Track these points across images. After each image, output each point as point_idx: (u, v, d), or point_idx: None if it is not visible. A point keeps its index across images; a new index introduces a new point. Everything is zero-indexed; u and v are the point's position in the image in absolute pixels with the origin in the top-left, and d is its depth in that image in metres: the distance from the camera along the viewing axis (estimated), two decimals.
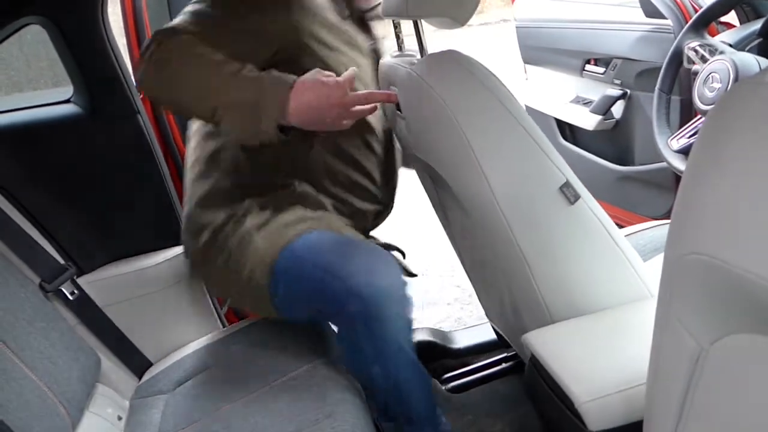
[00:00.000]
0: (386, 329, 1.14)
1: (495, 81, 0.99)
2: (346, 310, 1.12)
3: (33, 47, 2.11)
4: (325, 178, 1.29)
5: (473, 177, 0.97)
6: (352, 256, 1.16)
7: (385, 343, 1.15)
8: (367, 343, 1.14)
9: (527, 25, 2.67)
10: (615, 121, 2.27)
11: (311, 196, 1.28)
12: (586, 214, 0.98)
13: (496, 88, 0.98)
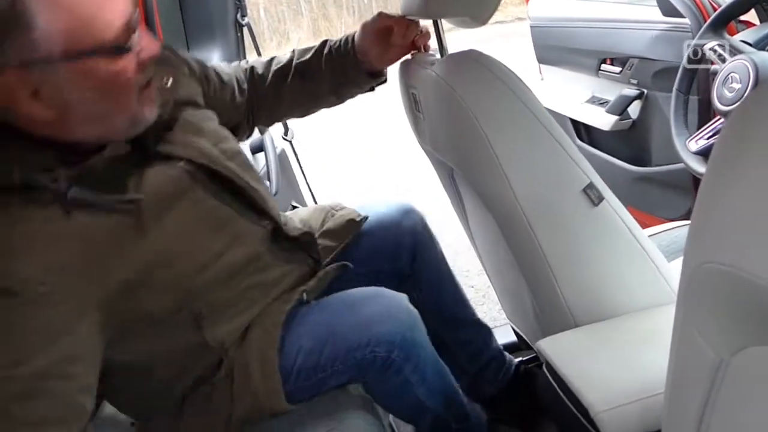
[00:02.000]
0: (422, 351, 1.14)
1: (517, 81, 0.98)
2: (387, 359, 1.09)
3: None
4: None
5: (495, 178, 0.96)
6: (351, 314, 1.12)
7: (426, 363, 1.16)
8: (412, 374, 1.14)
9: (542, 24, 2.65)
10: (632, 122, 2.25)
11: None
12: (610, 216, 0.97)
13: (518, 89, 0.97)
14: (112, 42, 0.80)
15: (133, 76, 0.84)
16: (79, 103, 0.81)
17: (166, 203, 0.94)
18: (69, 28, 0.77)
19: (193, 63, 1.21)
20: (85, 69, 0.80)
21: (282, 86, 1.33)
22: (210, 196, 1.01)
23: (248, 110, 1.34)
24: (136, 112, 0.88)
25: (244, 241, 1.06)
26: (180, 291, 0.96)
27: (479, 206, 1.11)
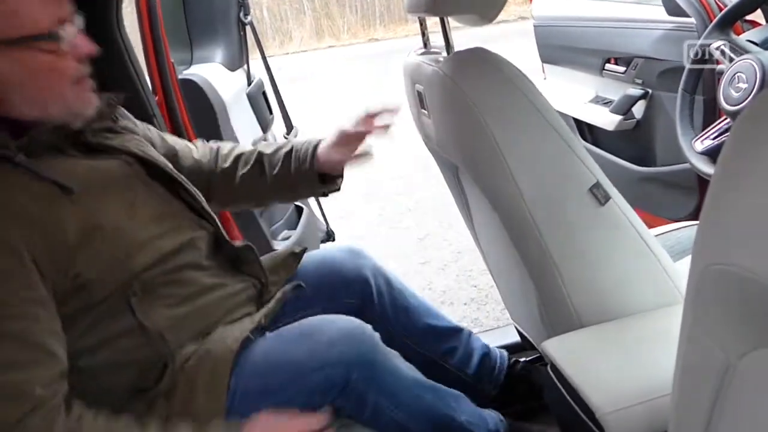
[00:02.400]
0: (388, 374, 1.13)
1: (524, 79, 0.97)
2: (346, 383, 1.07)
3: None
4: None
5: (501, 177, 0.96)
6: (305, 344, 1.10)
7: (398, 385, 1.14)
8: (381, 398, 1.12)
9: (546, 23, 2.64)
10: (636, 121, 2.24)
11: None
12: (616, 215, 0.96)
13: (526, 87, 0.96)
14: (43, 32, 0.92)
15: (66, 69, 0.97)
16: (17, 86, 0.94)
17: (104, 187, 1.03)
18: (6, 19, 0.90)
19: (155, 136, 1.31)
20: (22, 55, 0.92)
21: (238, 172, 1.36)
22: (148, 189, 1.10)
23: (202, 186, 1.32)
24: (70, 102, 0.99)
25: (182, 232, 1.10)
26: (115, 268, 0.99)
27: (484, 205, 1.10)
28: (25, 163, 0.93)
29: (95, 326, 0.99)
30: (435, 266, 3.03)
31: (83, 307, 0.97)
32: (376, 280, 1.38)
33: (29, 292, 0.89)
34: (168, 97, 1.84)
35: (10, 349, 0.85)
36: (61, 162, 1.00)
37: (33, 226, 0.91)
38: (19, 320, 0.86)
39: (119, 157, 1.10)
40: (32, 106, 0.96)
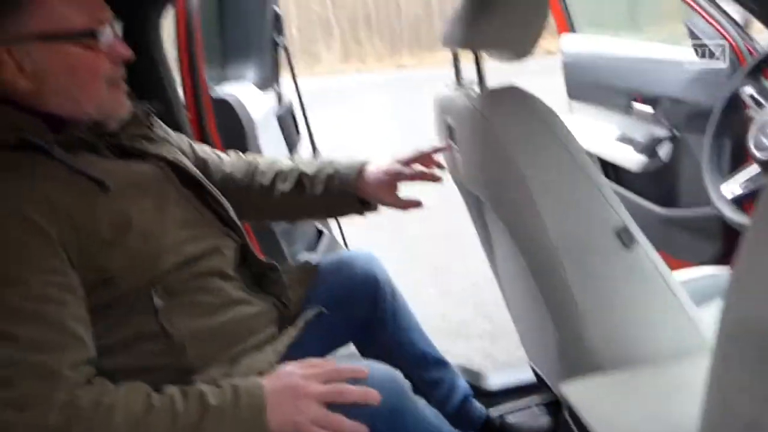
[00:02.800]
0: (412, 421, 1.11)
1: (556, 119, 0.98)
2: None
3: None
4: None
5: (528, 215, 0.96)
6: None
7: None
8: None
9: (574, 60, 2.65)
10: (661, 163, 2.23)
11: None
12: (642, 259, 0.95)
13: (557, 127, 0.97)
14: (82, 31, 0.97)
15: (100, 67, 1.00)
16: (54, 80, 0.97)
17: (135, 189, 1.04)
18: (48, 14, 0.95)
19: (187, 146, 1.34)
20: (60, 50, 0.96)
21: (277, 189, 1.38)
22: (179, 195, 1.12)
23: (237, 199, 1.34)
24: (103, 101, 1.02)
25: (209, 239, 1.11)
26: (141, 267, 1.00)
27: (507, 241, 1.10)
28: (62, 157, 0.96)
29: (117, 325, 0.99)
30: (451, 297, 3.01)
31: (106, 303, 0.98)
32: (385, 290, 1.40)
33: (60, 278, 0.90)
34: (199, 113, 1.88)
35: (39, 330, 0.86)
36: (96, 161, 1.03)
37: (67, 216, 0.92)
38: (50, 304, 0.88)
39: (152, 162, 1.12)
40: (66, 101, 0.99)
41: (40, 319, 0.86)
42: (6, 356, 0.82)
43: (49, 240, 0.90)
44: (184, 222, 1.09)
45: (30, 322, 0.85)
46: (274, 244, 2.06)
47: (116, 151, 1.08)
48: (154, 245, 1.02)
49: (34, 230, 0.89)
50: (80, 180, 0.96)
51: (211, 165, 1.38)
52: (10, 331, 0.83)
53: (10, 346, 0.83)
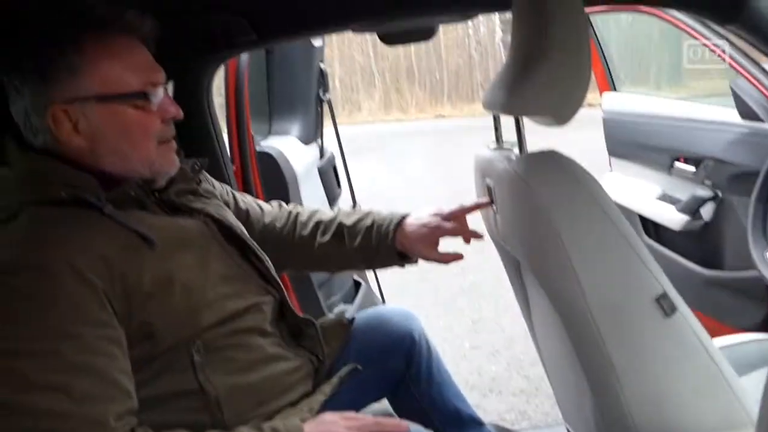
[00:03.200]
0: None
1: (594, 184, 0.98)
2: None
3: None
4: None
5: (565, 279, 0.96)
6: None
7: None
8: None
9: (615, 117, 2.66)
10: (704, 223, 2.20)
11: None
12: (682, 328, 0.94)
13: (596, 192, 0.97)
14: (135, 92, 1.02)
15: (152, 127, 1.05)
16: (107, 139, 1.02)
17: (181, 243, 1.07)
18: (103, 77, 1.00)
19: (230, 198, 1.39)
20: (114, 111, 1.01)
21: (317, 240, 1.41)
22: (222, 250, 1.15)
23: (277, 249, 1.39)
24: (154, 159, 1.06)
25: (249, 296, 1.14)
26: (181, 322, 1.02)
27: (545, 303, 1.10)
28: (113, 214, 1.00)
29: (155, 379, 1.01)
30: (486, 352, 2.99)
31: (146, 357, 1.00)
32: (420, 345, 1.39)
33: (107, 330, 0.93)
34: (244, 166, 1.94)
35: (91, 383, 0.89)
36: (143, 216, 1.06)
37: (113, 270, 0.95)
38: (100, 356, 0.91)
39: (198, 218, 1.15)
40: (119, 159, 1.03)
41: (92, 371, 0.89)
42: (60, 409, 0.85)
43: (99, 293, 0.93)
44: (225, 278, 1.11)
45: (83, 374, 0.88)
46: (311, 296, 2.08)
47: (164, 207, 1.12)
48: (195, 301, 1.04)
49: (85, 283, 0.92)
50: (128, 235, 1.00)
51: (252, 215, 1.41)
52: (64, 383, 0.86)
53: (64, 399, 0.86)
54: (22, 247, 0.92)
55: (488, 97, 1.16)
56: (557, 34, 0.96)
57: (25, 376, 0.85)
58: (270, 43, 1.88)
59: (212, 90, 1.74)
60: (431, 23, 1.49)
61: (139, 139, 1.04)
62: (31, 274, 0.89)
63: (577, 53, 0.97)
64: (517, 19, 1.06)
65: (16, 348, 0.86)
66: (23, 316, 0.88)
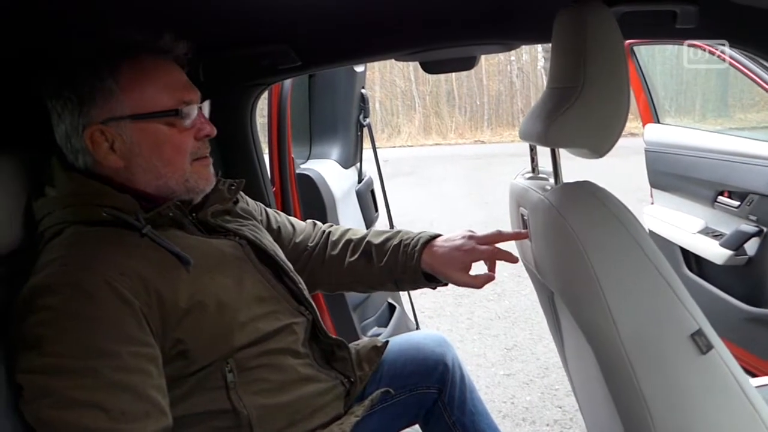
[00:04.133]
0: None
1: (630, 217, 0.97)
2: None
3: None
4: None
5: (598, 312, 0.95)
6: None
7: None
8: None
9: (657, 149, 2.63)
10: (747, 258, 2.16)
11: None
12: (718, 366, 0.92)
13: (631, 225, 0.96)
14: (167, 110, 1.05)
15: (186, 144, 1.08)
16: (143, 156, 1.06)
17: (217, 264, 1.10)
18: (137, 97, 1.04)
19: (265, 217, 1.42)
20: (147, 129, 1.05)
21: (346, 259, 1.41)
22: (256, 271, 1.17)
23: (308, 268, 1.41)
24: (188, 177, 1.10)
25: (280, 318, 1.15)
26: (215, 341, 1.04)
27: (577, 335, 1.09)
28: (151, 234, 1.03)
29: (188, 398, 1.03)
30: (520, 380, 2.95)
31: (180, 376, 1.02)
32: (453, 372, 1.39)
33: (143, 348, 0.95)
34: (284, 188, 1.98)
35: (125, 400, 0.91)
36: (181, 237, 1.09)
37: (150, 289, 0.98)
38: (134, 374, 0.93)
39: (233, 239, 1.18)
40: (153, 176, 1.07)
41: (129, 389, 0.91)
42: (97, 426, 0.88)
43: (135, 311, 0.95)
44: (259, 299, 1.13)
45: (120, 392, 0.90)
46: (345, 317, 2.10)
47: (201, 227, 1.16)
48: (229, 320, 1.06)
49: (123, 302, 0.95)
50: (165, 256, 1.03)
51: (283, 233, 1.43)
52: (102, 402, 0.88)
53: (101, 416, 0.88)
54: (63, 267, 0.95)
55: (525, 127, 1.16)
56: (595, 66, 0.97)
57: (63, 393, 0.88)
58: (313, 70, 1.92)
59: (256, 113, 1.79)
60: (472, 53, 1.51)
61: (173, 156, 1.08)
62: (70, 293, 0.92)
63: (615, 86, 0.97)
64: (556, 50, 1.07)
65: (54, 365, 0.89)
66: (62, 334, 0.90)
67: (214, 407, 1.04)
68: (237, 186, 1.25)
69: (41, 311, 0.91)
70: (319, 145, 2.48)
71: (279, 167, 1.99)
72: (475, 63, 1.54)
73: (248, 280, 1.14)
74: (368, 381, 1.31)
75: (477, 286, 1.32)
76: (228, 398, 1.04)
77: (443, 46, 1.44)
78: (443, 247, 1.33)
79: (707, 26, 1.31)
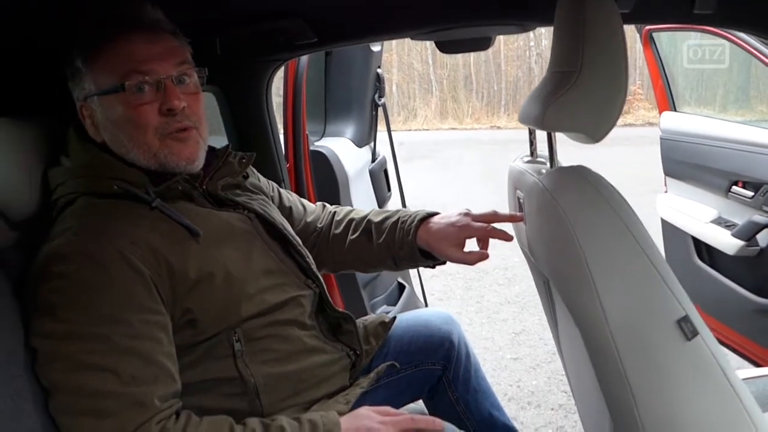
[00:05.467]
0: None
1: (621, 202, 0.97)
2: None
3: None
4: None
5: (586, 296, 0.95)
6: None
7: None
8: None
9: (673, 137, 2.61)
10: (759, 249, 2.15)
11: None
12: (702, 353, 0.92)
13: (622, 210, 0.96)
14: (115, 87, 1.05)
15: (144, 119, 1.06)
16: (111, 131, 1.08)
17: (226, 236, 1.12)
18: (98, 74, 1.06)
19: (276, 194, 1.44)
20: (108, 105, 1.07)
21: (348, 237, 1.43)
22: (264, 244, 1.19)
23: (315, 247, 1.43)
24: (156, 152, 1.08)
25: (288, 290, 1.17)
26: (223, 311, 1.07)
27: (569, 320, 1.09)
28: (161, 207, 1.06)
29: (197, 365, 1.06)
30: (526, 364, 2.97)
31: (188, 344, 1.05)
32: (459, 349, 1.41)
33: (153, 316, 0.98)
34: (298, 165, 2.00)
35: (135, 365, 0.94)
36: (191, 209, 1.11)
37: (161, 259, 1.01)
38: (144, 340, 0.96)
39: (242, 213, 1.19)
40: (125, 150, 1.08)
41: (139, 355, 0.95)
42: (109, 389, 0.91)
43: (146, 281, 0.99)
44: (267, 271, 1.16)
45: (130, 357, 0.94)
46: (355, 295, 2.12)
47: (211, 200, 1.17)
48: (237, 291, 1.09)
49: (134, 271, 0.98)
50: (175, 227, 1.06)
51: (294, 212, 1.45)
52: (113, 366, 0.92)
53: (112, 380, 0.92)
54: (76, 236, 0.99)
55: (524, 110, 1.16)
56: (594, 50, 0.97)
57: (76, 357, 0.92)
58: (329, 47, 1.93)
59: (272, 89, 1.81)
60: (488, 33, 1.50)
61: (132, 131, 1.07)
62: (83, 262, 0.96)
63: (613, 71, 0.97)
64: (556, 34, 1.07)
65: (68, 331, 0.93)
66: (75, 302, 0.94)
67: (222, 375, 1.08)
68: (248, 159, 1.26)
69: (55, 278, 0.95)
70: (333, 123, 2.49)
71: (293, 144, 2.01)
72: (490, 44, 1.54)
73: (256, 252, 1.16)
74: (375, 355, 1.34)
75: (470, 262, 1.32)
76: (235, 366, 1.08)
77: (458, 25, 1.44)
78: (438, 223, 1.35)
79: (726, 13, 1.30)
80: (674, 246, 2.61)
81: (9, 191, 1.04)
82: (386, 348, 1.37)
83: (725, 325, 2.36)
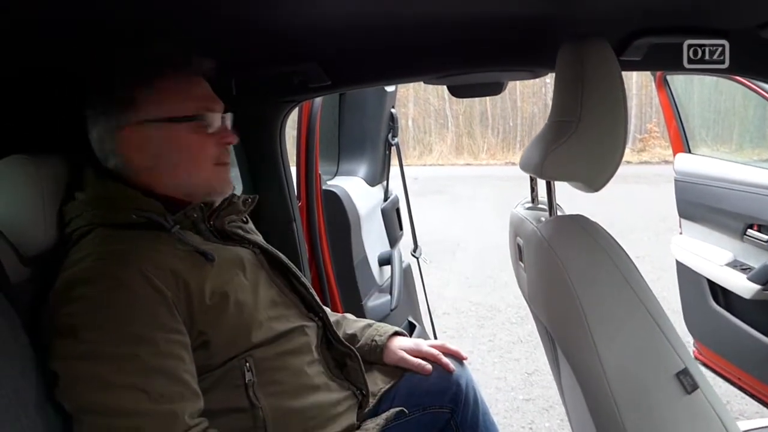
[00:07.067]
0: None
1: (620, 252, 0.97)
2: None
3: None
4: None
5: (584, 346, 0.95)
6: None
7: None
8: None
9: (687, 179, 2.60)
10: None
11: None
12: (702, 407, 0.91)
13: (620, 260, 0.96)
14: (192, 116, 1.14)
15: (207, 148, 1.16)
16: (169, 157, 1.14)
17: (235, 267, 1.18)
18: (166, 104, 1.13)
19: None
20: (174, 131, 1.13)
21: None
22: (269, 278, 1.25)
23: None
24: (210, 178, 1.18)
25: (292, 320, 1.22)
26: (234, 337, 1.11)
27: (568, 369, 1.09)
28: (178, 233, 1.12)
29: (209, 393, 1.08)
30: (539, 405, 2.92)
31: (202, 369, 1.07)
32: (467, 392, 1.41)
33: (176, 335, 1.02)
34: (310, 203, 2.01)
35: (162, 383, 0.97)
36: (200, 241, 1.17)
37: (180, 282, 1.05)
38: (169, 358, 0.99)
39: (248, 247, 1.26)
40: (178, 177, 1.15)
41: (165, 373, 0.98)
42: (141, 408, 0.94)
43: (168, 302, 1.03)
44: (272, 302, 1.21)
45: (157, 376, 0.97)
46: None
47: (217, 234, 1.23)
48: (247, 317, 1.13)
49: (156, 292, 1.02)
50: (191, 252, 1.12)
51: None
52: (141, 384, 0.95)
53: (143, 398, 0.95)
54: (101, 260, 1.03)
55: (524, 158, 1.17)
56: (593, 101, 0.98)
57: (106, 378, 0.94)
58: (343, 89, 1.96)
59: (285, 129, 1.83)
60: (500, 79, 1.52)
61: (196, 157, 1.16)
62: (108, 284, 0.99)
63: (612, 121, 0.98)
64: (557, 84, 1.09)
65: (93, 351, 0.95)
66: (102, 323, 0.97)
67: (233, 405, 1.10)
68: (251, 201, 1.32)
69: (78, 301, 0.98)
70: (346, 163, 2.51)
71: (306, 183, 2.03)
72: (502, 89, 1.56)
73: (262, 283, 1.22)
74: (382, 397, 1.34)
75: (419, 371, 1.40)
76: (246, 396, 1.10)
77: (471, 71, 1.46)
78: (399, 347, 1.43)
79: (739, 63, 1.30)
80: (689, 288, 2.58)
81: (23, 226, 1.07)
82: (395, 391, 1.37)
83: (742, 370, 2.32)
